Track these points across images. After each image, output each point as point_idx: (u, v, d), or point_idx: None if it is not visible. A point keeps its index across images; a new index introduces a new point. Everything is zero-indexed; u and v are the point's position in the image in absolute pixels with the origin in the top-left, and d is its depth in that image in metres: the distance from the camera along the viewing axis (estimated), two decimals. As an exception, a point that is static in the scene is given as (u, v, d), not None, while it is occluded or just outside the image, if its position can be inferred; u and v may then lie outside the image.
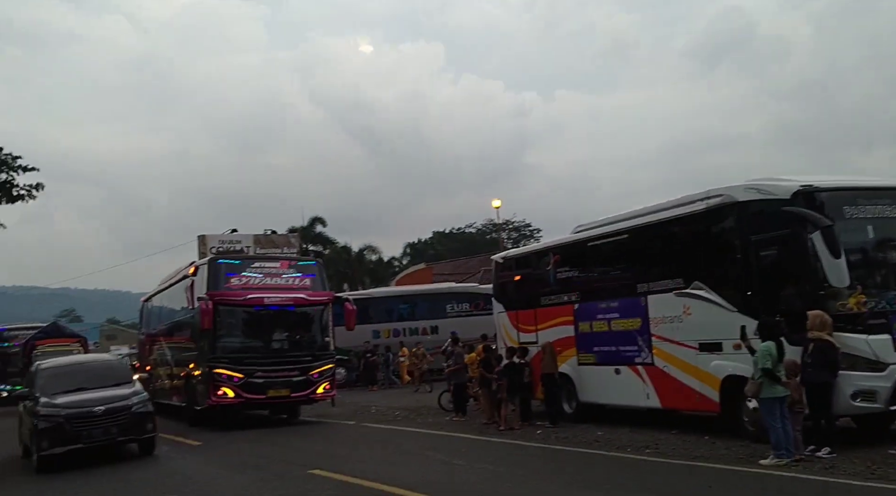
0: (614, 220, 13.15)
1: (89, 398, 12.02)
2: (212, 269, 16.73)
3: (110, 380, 12.81)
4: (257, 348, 16.42)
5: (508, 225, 63.02)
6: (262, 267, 17.00)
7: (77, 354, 31.14)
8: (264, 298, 16.22)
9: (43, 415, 11.69)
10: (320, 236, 51.06)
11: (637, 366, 12.12)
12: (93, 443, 11.77)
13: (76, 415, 11.67)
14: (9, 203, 27.05)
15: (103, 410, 11.76)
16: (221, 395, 15.63)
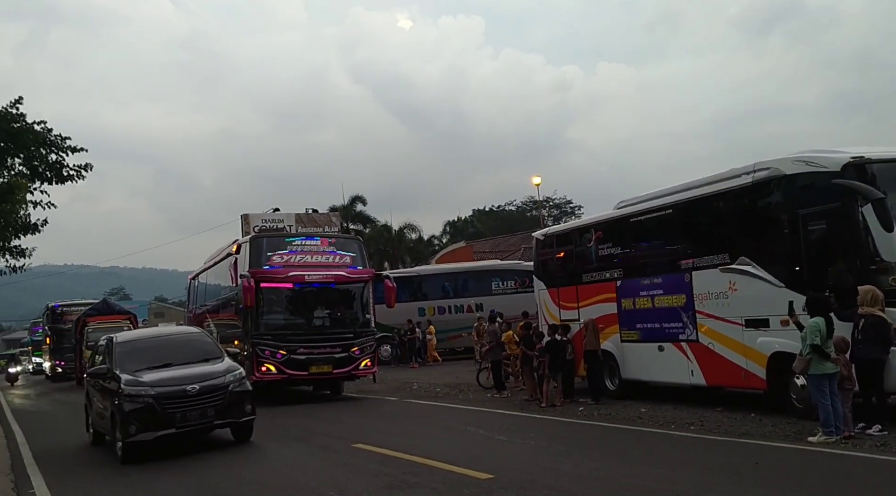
0: (658, 195, 12.96)
1: (179, 375, 10.67)
2: (254, 247, 16.88)
3: (197, 355, 11.48)
4: (299, 325, 16.57)
5: (549, 202, 62.61)
6: (304, 244, 17.08)
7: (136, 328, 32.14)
8: (305, 276, 16.35)
9: (129, 394, 10.22)
10: (360, 215, 51.32)
11: (681, 343, 11.99)
12: (187, 427, 10.41)
13: (167, 394, 10.27)
14: (59, 183, 27.61)
15: (198, 389, 10.38)
16: (265, 372, 15.83)
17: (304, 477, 8.46)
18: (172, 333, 13.83)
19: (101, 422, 11.52)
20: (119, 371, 10.72)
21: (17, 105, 27.36)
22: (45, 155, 27.59)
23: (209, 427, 10.73)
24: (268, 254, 16.67)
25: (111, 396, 10.58)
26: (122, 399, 10.23)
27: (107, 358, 11.64)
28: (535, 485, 7.25)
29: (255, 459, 10.16)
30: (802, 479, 7.18)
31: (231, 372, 10.97)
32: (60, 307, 39.89)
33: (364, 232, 51.85)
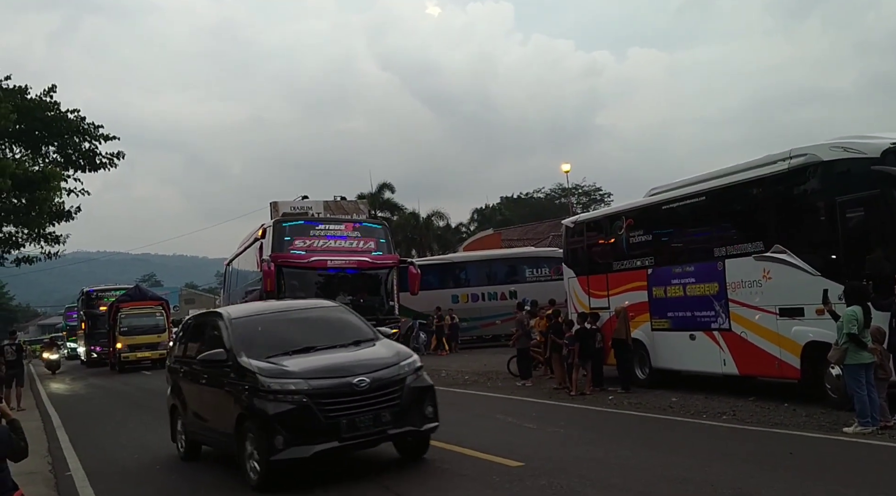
0: (691, 182, 12.79)
1: (338, 363, 7.70)
2: (276, 231, 16.67)
3: (344, 336, 8.45)
4: None
5: (578, 189, 62.22)
6: (327, 229, 16.88)
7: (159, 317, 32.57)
8: (328, 261, 16.11)
9: (273, 390, 7.23)
10: (388, 202, 51.42)
11: (713, 332, 11.85)
12: (356, 439, 7.34)
13: (328, 390, 7.24)
14: (92, 171, 28.17)
15: (368, 384, 7.34)
16: None
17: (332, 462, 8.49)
18: (303, 307, 9.79)
19: (211, 432, 8.48)
20: (245, 357, 7.70)
21: (52, 93, 27.85)
22: (79, 143, 28.21)
23: (382, 438, 7.59)
24: (291, 238, 16.47)
25: (236, 393, 7.62)
26: (260, 397, 7.25)
27: (207, 340, 8.86)
28: (566, 473, 7.22)
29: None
30: (837, 470, 7.07)
31: (405, 359, 8.00)
32: (95, 292, 40.50)
33: (392, 219, 51.95)
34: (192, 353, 9.16)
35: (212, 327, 8.94)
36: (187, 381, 9.17)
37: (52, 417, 15.01)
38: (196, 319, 10.28)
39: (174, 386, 9.69)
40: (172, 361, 10.09)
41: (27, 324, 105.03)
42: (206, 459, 9.42)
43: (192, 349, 9.26)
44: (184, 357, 9.51)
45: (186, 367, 9.24)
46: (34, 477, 8.99)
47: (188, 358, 9.26)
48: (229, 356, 7.91)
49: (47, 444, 11.71)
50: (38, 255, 28.76)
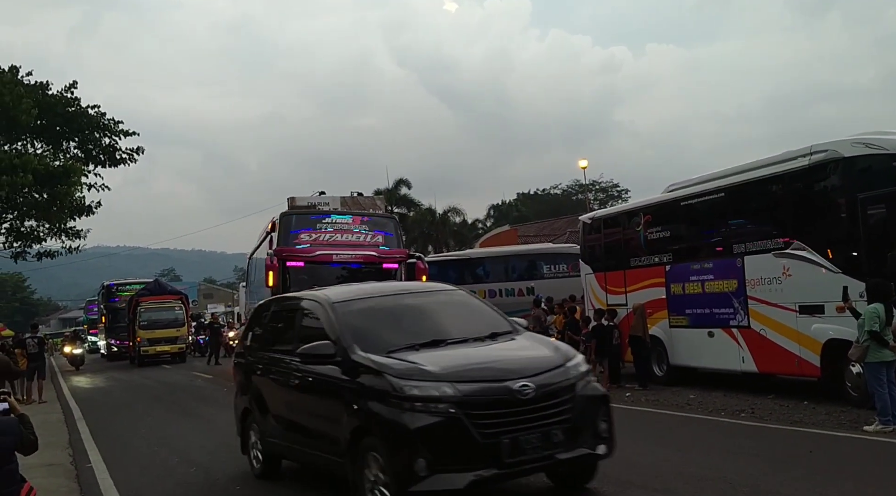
0: (709, 178, 12.71)
1: (486, 362, 6.01)
2: (282, 224, 16.23)
3: (479, 328, 6.62)
4: None
5: (595, 185, 61.96)
6: (334, 222, 16.33)
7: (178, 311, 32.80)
8: (333, 255, 15.57)
9: (409, 397, 5.47)
10: (405, 198, 51.42)
11: (732, 329, 11.78)
12: (522, 465, 5.58)
13: (484, 398, 5.50)
14: (112, 166, 28.44)
15: (534, 390, 5.58)
16: None
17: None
18: (417, 290, 8.13)
19: (305, 446, 6.75)
20: (360, 351, 6.02)
21: (72, 89, 28.11)
22: (99, 138, 28.47)
23: (551, 463, 5.82)
24: (296, 231, 16.04)
25: (350, 398, 5.86)
26: (391, 404, 5.50)
27: (297, 330, 7.21)
28: (583, 470, 7.19)
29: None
30: (858, 469, 7.00)
31: (571, 358, 6.17)
32: (115, 286, 40.81)
33: (408, 215, 52.01)
34: (273, 345, 7.65)
35: (302, 313, 7.31)
36: (268, 380, 7.41)
37: (72, 410, 15.17)
38: (278, 304, 8.47)
39: (247, 385, 7.94)
40: (242, 354, 8.43)
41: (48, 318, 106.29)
42: (226, 452, 9.50)
43: (272, 340, 7.83)
44: (262, 349, 7.85)
45: (266, 363, 7.54)
46: (55, 468, 9.11)
47: (269, 351, 7.62)
48: (338, 350, 6.18)
49: (68, 436, 11.85)
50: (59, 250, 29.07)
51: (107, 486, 7.93)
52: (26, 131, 26.05)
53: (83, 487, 7.98)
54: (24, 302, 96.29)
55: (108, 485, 8.01)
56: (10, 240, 28.09)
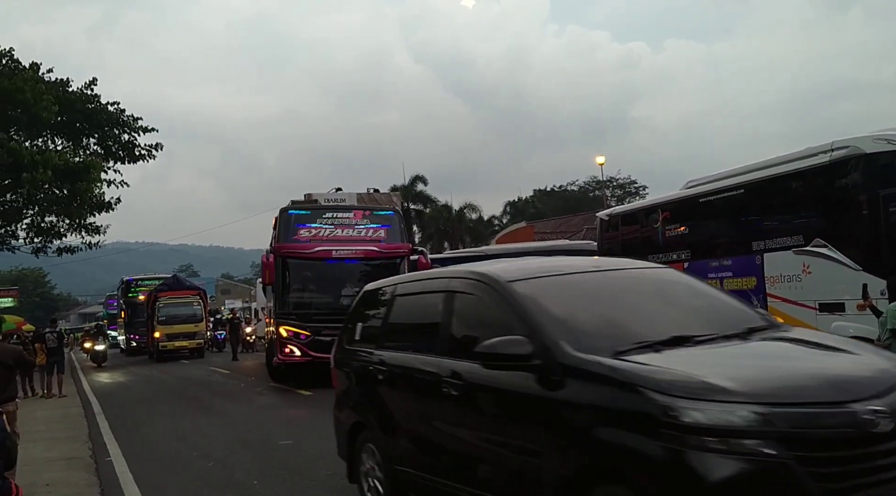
0: (729, 174, 12.60)
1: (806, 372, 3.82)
2: (282, 220, 15.98)
3: (728, 322, 4.59)
4: (326, 304, 15.48)
5: (612, 182, 61.73)
6: (335, 217, 16.08)
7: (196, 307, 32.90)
8: (333, 251, 15.34)
9: (693, 426, 3.35)
10: (421, 195, 51.54)
11: (750, 327, 11.66)
12: None
13: (818, 431, 3.39)
14: (131, 162, 28.68)
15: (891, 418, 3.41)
16: (288, 353, 15.02)
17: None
18: (619, 267, 5.75)
19: (470, 485, 4.71)
20: (574, 349, 4.09)
21: (92, 86, 28.34)
22: (118, 135, 28.71)
23: None
24: (296, 227, 15.82)
25: (565, 422, 4.01)
26: (663, 438, 3.43)
27: (445, 319, 5.24)
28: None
29: (321, 433, 10.34)
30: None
31: None
32: (134, 281, 41.16)
33: (424, 212, 52.13)
34: (401, 341, 5.85)
35: (453, 298, 5.24)
36: (398, 390, 5.62)
37: (92, 404, 15.33)
38: (406, 286, 6.22)
39: (358, 394, 6.19)
40: (345, 355, 6.59)
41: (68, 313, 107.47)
42: (243, 447, 9.56)
43: (399, 335, 5.96)
44: (381, 347, 5.89)
45: (391, 366, 5.64)
46: (75, 462, 9.21)
47: (394, 349, 5.75)
48: (537, 348, 4.20)
49: (88, 430, 11.97)
50: (79, 245, 29.36)
51: (126, 480, 7.99)
52: (47, 128, 26.32)
53: (102, 481, 8.03)
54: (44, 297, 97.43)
55: (127, 478, 8.07)
56: (31, 235, 28.43)
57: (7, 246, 29.44)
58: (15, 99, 23.77)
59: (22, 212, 27.94)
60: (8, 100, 23.80)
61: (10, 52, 26.69)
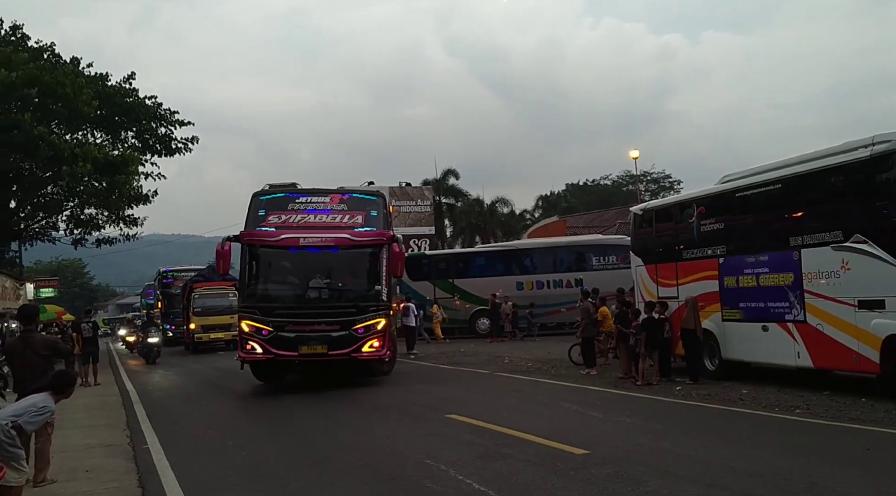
0: (766, 168, 12.42)
1: None
2: (252, 205, 14.69)
3: None
4: (291, 297, 14.18)
5: (646, 176, 61.10)
6: (309, 202, 14.59)
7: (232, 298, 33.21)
8: (300, 239, 13.83)
9: None
10: (453, 188, 51.55)
11: (787, 324, 11.51)
12: None
13: None
14: (168, 155, 29.18)
15: None
16: (249, 350, 13.74)
17: (398, 444, 8.63)
18: None
19: None
20: None
21: (131, 80, 28.79)
22: (156, 128, 29.16)
23: None
24: (266, 213, 14.41)
25: None
26: None
27: None
28: (632, 463, 7.14)
29: (351, 425, 10.44)
30: (920, 470, 6.75)
31: None
32: (170, 272, 41.75)
33: (456, 206, 52.11)
34: None
35: None
36: None
37: (129, 393, 15.61)
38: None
39: None
40: None
41: (106, 303, 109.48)
42: (276, 437, 9.68)
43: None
44: None
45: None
46: (114, 449, 9.41)
47: None
48: None
49: (125, 418, 12.21)
50: (118, 237, 29.90)
51: (163, 467, 8.14)
52: (87, 121, 26.84)
53: (140, 468, 8.20)
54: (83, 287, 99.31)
55: (163, 465, 8.22)
56: (71, 227, 29.07)
57: (48, 237, 30.12)
58: (56, 93, 24.30)
59: (62, 204, 28.58)
60: (49, 94, 24.34)
61: (51, 46, 27.26)
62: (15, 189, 27.71)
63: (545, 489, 6.39)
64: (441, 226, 49.73)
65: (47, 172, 25.91)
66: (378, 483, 6.96)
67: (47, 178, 26.53)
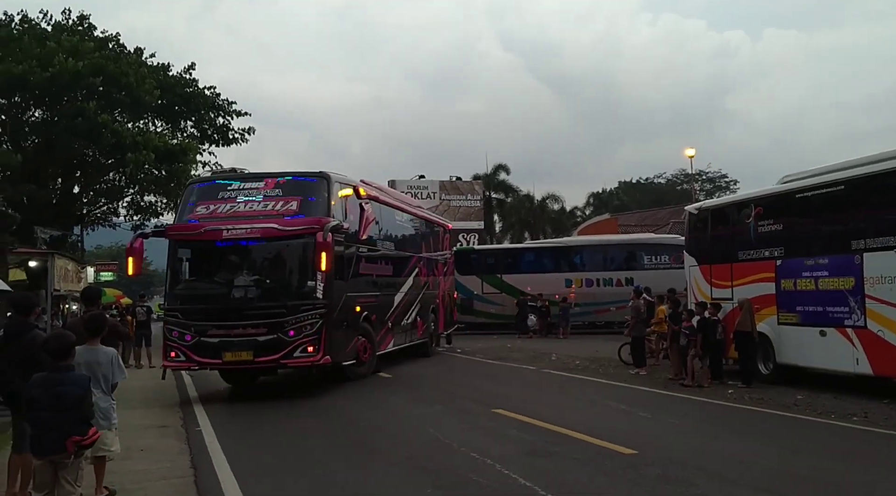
0: (828, 169, 12.08)
1: None
2: (184, 195, 13.47)
3: None
4: (214, 297, 12.33)
5: (702, 175, 60.00)
6: (241, 189, 12.86)
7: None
8: (223, 231, 12.14)
9: None
10: (503, 184, 51.36)
11: (846, 329, 11.17)
12: None
13: None
14: (225, 145, 29.73)
15: None
16: (174, 358, 12.32)
17: (444, 437, 8.65)
18: None
19: None
20: None
21: (191, 71, 29.40)
22: (214, 118, 29.72)
23: None
24: (195, 203, 12.98)
25: None
26: None
27: None
28: (681, 464, 7.03)
29: (398, 417, 10.51)
30: None
31: None
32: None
33: (506, 201, 51.95)
34: None
35: None
36: None
37: (183, 376, 15.96)
38: None
39: None
40: None
41: (161, 289, 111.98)
42: (321, 424, 9.80)
43: None
44: None
45: None
46: (167, 430, 9.65)
47: None
48: None
49: (178, 400, 12.51)
50: (175, 224, 30.53)
51: (214, 449, 8.31)
52: (148, 110, 27.51)
53: (193, 449, 8.39)
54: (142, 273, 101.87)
55: (215, 448, 8.39)
56: (131, 213, 29.86)
57: (108, 222, 31.02)
58: (119, 82, 24.98)
59: (123, 190, 29.39)
60: (113, 83, 25.03)
61: (116, 37, 28.01)
62: (79, 175, 28.59)
63: (591, 487, 6.34)
64: (490, 221, 49.62)
65: (110, 159, 26.65)
66: (424, 475, 6.99)
67: (110, 164, 27.29)
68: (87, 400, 5.22)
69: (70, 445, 5.02)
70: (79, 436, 5.05)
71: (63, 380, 5.14)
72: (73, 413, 5.06)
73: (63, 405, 5.02)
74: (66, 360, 5.27)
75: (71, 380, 5.18)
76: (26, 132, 26.56)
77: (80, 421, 5.10)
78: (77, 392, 5.11)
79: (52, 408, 5.02)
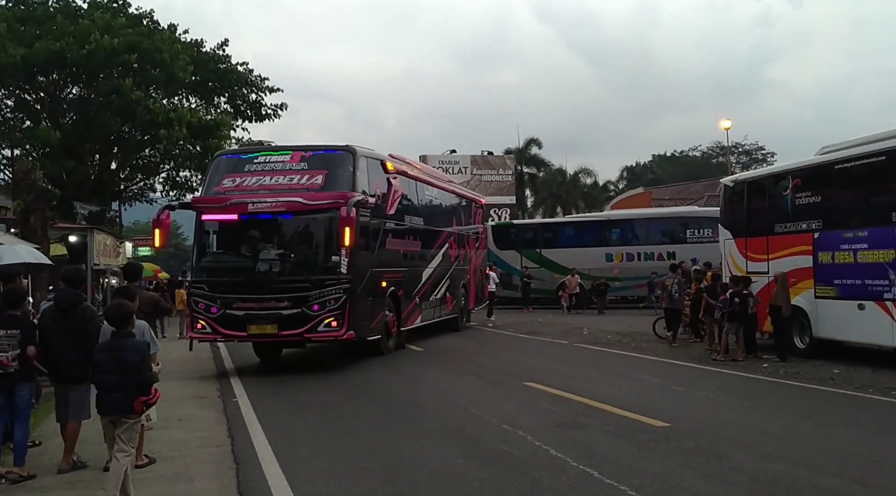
0: (869, 140, 11.78)
1: None
2: (210, 167, 13.60)
3: None
4: (240, 270, 12.48)
5: (738, 148, 59.01)
6: (268, 162, 12.87)
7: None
8: (249, 204, 12.08)
9: None
10: (535, 158, 51.00)
11: (886, 302, 10.97)
12: None
13: None
14: (258, 121, 29.92)
15: None
16: (200, 329, 12.40)
17: (476, 408, 8.71)
18: None
19: None
20: None
21: (224, 47, 29.53)
22: (247, 94, 29.89)
23: None
24: (222, 176, 12.98)
25: None
26: None
27: None
28: (714, 437, 7.01)
29: (431, 388, 10.61)
30: None
31: None
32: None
33: (538, 175, 51.63)
34: None
35: None
36: None
37: (220, 348, 16.25)
38: None
39: None
40: None
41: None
42: (357, 395, 9.93)
43: None
44: None
45: None
46: (206, 401, 9.85)
47: None
48: None
49: (216, 371, 12.76)
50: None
51: (250, 419, 8.47)
52: (182, 86, 27.75)
53: (229, 419, 8.56)
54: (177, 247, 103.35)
55: (251, 418, 8.55)
56: (167, 188, 30.27)
57: (145, 198, 31.51)
58: (154, 59, 25.21)
59: (159, 166, 29.79)
60: (147, 59, 25.27)
61: (150, 13, 28.20)
62: (115, 151, 29.01)
63: (624, 460, 6.34)
64: (522, 196, 49.38)
65: (145, 136, 27.00)
66: (456, 444, 7.06)
67: (145, 140, 27.65)
68: (145, 365, 5.49)
69: (138, 406, 5.36)
70: (144, 396, 5.38)
71: (123, 345, 5.49)
72: (134, 377, 5.36)
73: (124, 369, 5.35)
74: (125, 328, 5.64)
75: (129, 345, 5.52)
76: (64, 109, 26.99)
77: (141, 384, 5.38)
78: (134, 358, 5.41)
79: (116, 371, 5.34)
